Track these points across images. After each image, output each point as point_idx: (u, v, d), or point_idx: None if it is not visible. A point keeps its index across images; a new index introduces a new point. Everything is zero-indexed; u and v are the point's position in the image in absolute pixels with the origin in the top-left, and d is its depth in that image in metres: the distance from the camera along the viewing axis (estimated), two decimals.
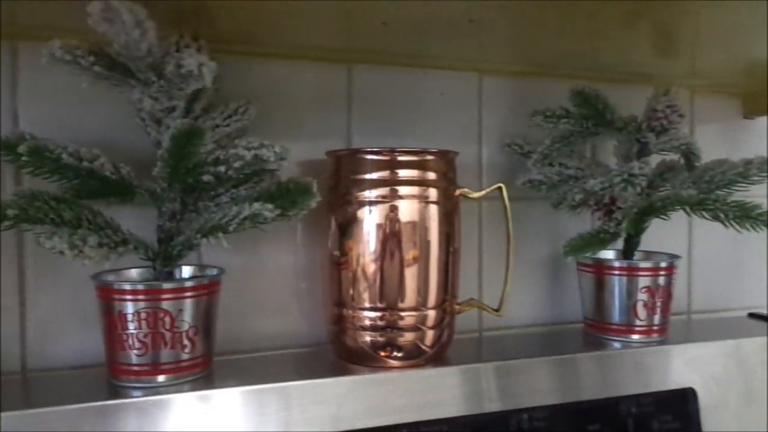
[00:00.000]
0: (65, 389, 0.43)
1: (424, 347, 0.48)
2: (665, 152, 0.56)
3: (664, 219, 0.54)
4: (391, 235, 0.47)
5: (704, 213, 0.54)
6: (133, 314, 0.41)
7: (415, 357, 0.48)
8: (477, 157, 0.61)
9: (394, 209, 0.47)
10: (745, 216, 0.52)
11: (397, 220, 0.47)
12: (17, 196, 0.39)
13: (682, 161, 0.58)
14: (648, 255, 0.58)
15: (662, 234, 0.66)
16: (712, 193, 0.54)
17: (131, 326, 0.41)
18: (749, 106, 0.72)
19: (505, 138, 0.60)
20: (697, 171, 0.56)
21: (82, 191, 0.43)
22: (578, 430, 0.50)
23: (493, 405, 0.48)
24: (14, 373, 0.47)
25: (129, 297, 0.42)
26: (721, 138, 0.71)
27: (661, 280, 0.55)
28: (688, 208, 0.55)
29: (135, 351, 0.42)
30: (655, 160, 0.59)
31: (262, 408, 0.42)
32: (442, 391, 0.47)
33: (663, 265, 0.55)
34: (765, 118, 0.73)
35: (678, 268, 0.56)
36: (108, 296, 0.42)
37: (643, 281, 0.55)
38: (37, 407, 0.39)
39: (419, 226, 0.47)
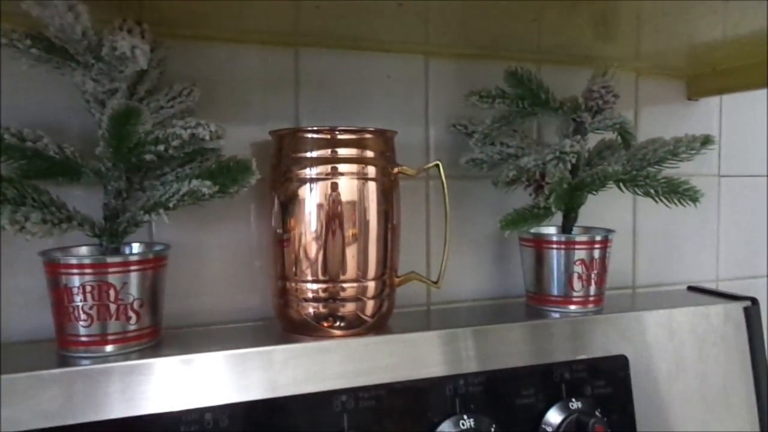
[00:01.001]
0: (18, 360, 0.45)
1: (364, 317, 0.51)
2: (600, 131, 0.58)
3: (594, 194, 0.56)
4: (331, 211, 0.49)
5: (636, 189, 0.57)
6: (78, 287, 0.43)
7: (357, 326, 0.51)
8: (424, 137, 0.63)
9: (333, 186, 0.49)
10: (673, 191, 0.55)
11: (337, 197, 0.49)
12: None
13: (620, 140, 0.60)
14: (587, 230, 0.61)
15: (607, 211, 0.69)
16: (643, 170, 0.56)
17: (77, 299, 0.43)
18: (693, 87, 0.74)
19: (451, 119, 0.62)
20: (631, 149, 0.58)
21: (30, 171, 0.45)
22: (513, 395, 0.53)
23: (430, 371, 0.50)
24: None
25: (75, 271, 0.44)
26: (666, 119, 0.74)
27: (596, 254, 0.58)
28: (622, 185, 0.58)
29: (81, 322, 0.44)
30: (596, 140, 0.62)
31: (203, 375, 0.45)
32: (381, 358, 0.49)
33: (598, 238, 0.58)
34: (708, 99, 0.75)
35: (612, 242, 0.59)
36: (55, 271, 0.44)
37: (579, 254, 0.57)
38: None
39: (358, 203, 0.50)
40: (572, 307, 0.58)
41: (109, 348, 0.45)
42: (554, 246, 0.58)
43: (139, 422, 0.43)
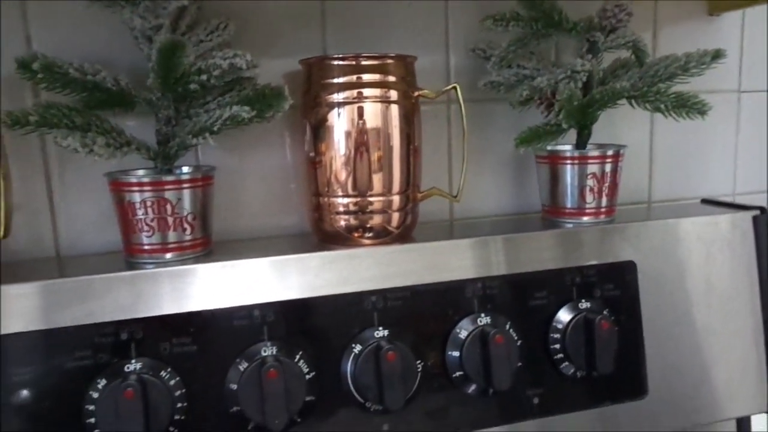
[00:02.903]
0: (92, 266, 0.52)
1: (390, 228, 0.56)
2: (614, 50, 0.61)
3: (605, 110, 0.59)
4: (357, 132, 0.54)
5: (647, 105, 0.60)
6: (140, 203, 0.50)
7: (383, 236, 0.56)
8: (445, 63, 0.66)
9: (359, 110, 0.54)
10: (682, 105, 0.58)
11: (362, 119, 0.54)
12: (36, 106, 0.47)
13: (634, 59, 0.63)
14: (600, 146, 0.64)
15: (624, 129, 0.72)
16: (654, 86, 0.59)
17: (140, 213, 0.50)
18: (714, 2, 0.74)
19: (471, 44, 0.65)
20: (644, 67, 0.61)
21: (90, 102, 0.51)
22: (527, 297, 0.58)
23: (450, 275, 0.56)
24: (51, 259, 0.57)
25: (136, 189, 0.50)
26: (687, 37, 0.74)
27: (608, 168, 0.61)
28: (633, 101, 0.60)
29: (144, 234, 0.51)
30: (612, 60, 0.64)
31: (250, 277, 0.51)
32: (406, 264, 0.55)
33: (609, 153, 0.61)
34: (730, 14, 0.75)
35: (623, 156, 0.62)
36: (119, 189, 0.51)
37: (591, 168, 0.61)
38: (70, 276, 0.48)
39: (382, 124, 0.54)
40: (585, 219, 0.62)
41: (168, 255, 0.52)
42: (568, 161, 0.62)
43: (197, 316, 0.50)
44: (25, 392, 0.46)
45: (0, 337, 0.46)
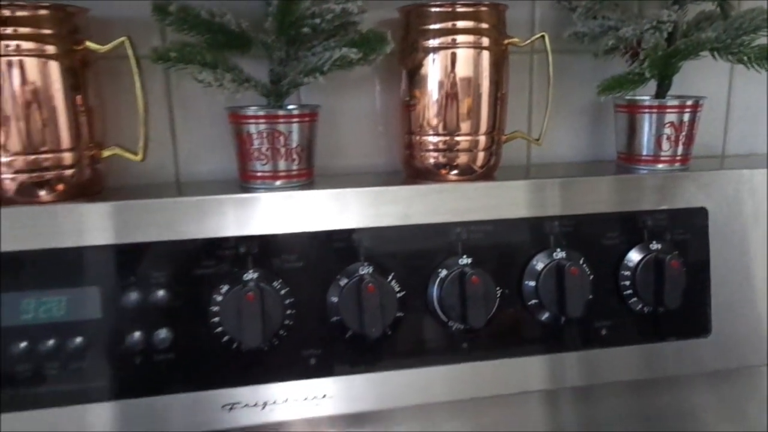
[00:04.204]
0: (210, 190, 0.59)
1: (475, 167, 0.61)
2: (698, 2, 0.62)
3: (688, 61, 0.62)
4: (450, 76, 0.58)
5: (729, 57, 0.61)
6: (256, 134, 0.56)
7: (468, 174, 0.61)
8: (530, 13, 0.69)
9: (452, 55, 0.58)
10: (765, 57, 0.59)
11: (455, 64, 0.58)
12: (174, 44, 0.53)
13: (719, 11, 0.64)
14: (679, 97, 0.67)
15: (702, 82, 0.74)
16: (738, 39, 0.61)
17: (256, 143, 0.57)
18: None
19: None
20: (729, 19, 0.62)
21: (213, 43, 0.57)
22: (600, 236, 0.62)
23: (529, 212, 0.61)
24: (172, 184, 0.65)
25: (252, 121, 0.56)
26: None
27: (686, 117, 0.64)
28: (716, 53, 0.62)
29: (259, 161, 0.57)
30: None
31: (349, 205, 0.57)
32: (488, 199, 0.60)
33: (688, 103, 0.64)
34: None
35: (702, 107, 0.65)
36: (238, 121, 0.57)
37: (669, 117, 0.64)
38: (187, 196, 0.55)
39: (473, 70, 0.59)
40: (660, 166, 0.65)
41: (278, 182, 0.58)
42: (646, 110, 0.64)
43: (303, 237, 0.57)
44: (161, 292, 0.54)
45: (141, 245, 0.54)
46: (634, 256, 0.62)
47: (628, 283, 0.62)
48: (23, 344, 0.52)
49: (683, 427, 0.70)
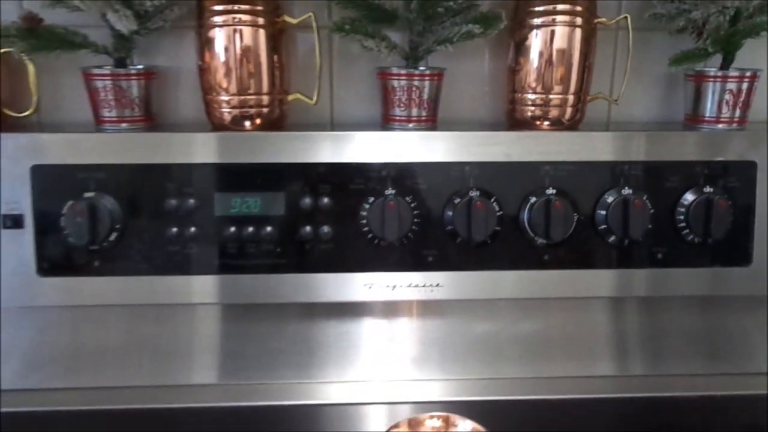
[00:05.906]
0: (360, 129, 0.79)
1: (564, 119, 0.78)
2: None
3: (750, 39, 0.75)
4: (549, 48, 0.75)
5: None
6: (398, 87, 0.76)
7: (558, 125, 0.78)
8: None
9: (552, 32, 0.75)
10: None
11: (554, 39, 0.75)
12: (345, 19, 0.73)
13: None
14: (739, 69, 0.80)
15: (763, 57, 0.86)
16: None
17: (398, 93, 0.76)
18: None
19: None
20: None
21: (368, 18, 0.76)
22: (662, 179, 0.78)
23: (605, 157, 0.77)
24: (327, 123, 0.86)
25: (395, 77, 0.76)
26: None
27: (744, 86, 0.78)
28: None
29: (399, 108, 0.77)
30: None
31: (465, 144, 0.76)
32: (571, 145, 0.77)
33: (747, 74, 0.77)
34: None
35: (759, 78, 0.78)
36: (384, 77, 0.77)
37: (729, 86, 0.78)
38: (337, 131, 0.76)
39: (567, 44, 0.75)
40: (719, 126, 0.80)
41: (411, 125, 0.78)
42: (711, 79, 0.79)
43: (427, 165, 0.76)
44: (326, 200, 0.75)
45: (313, 164, 0.75)
46: (690, 196, 0.77)
47: (682, 217, 0.77)
48: (232, 229, 0.75)
49: (727, 342, 0.86)
